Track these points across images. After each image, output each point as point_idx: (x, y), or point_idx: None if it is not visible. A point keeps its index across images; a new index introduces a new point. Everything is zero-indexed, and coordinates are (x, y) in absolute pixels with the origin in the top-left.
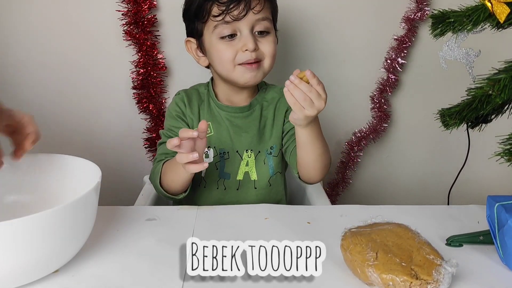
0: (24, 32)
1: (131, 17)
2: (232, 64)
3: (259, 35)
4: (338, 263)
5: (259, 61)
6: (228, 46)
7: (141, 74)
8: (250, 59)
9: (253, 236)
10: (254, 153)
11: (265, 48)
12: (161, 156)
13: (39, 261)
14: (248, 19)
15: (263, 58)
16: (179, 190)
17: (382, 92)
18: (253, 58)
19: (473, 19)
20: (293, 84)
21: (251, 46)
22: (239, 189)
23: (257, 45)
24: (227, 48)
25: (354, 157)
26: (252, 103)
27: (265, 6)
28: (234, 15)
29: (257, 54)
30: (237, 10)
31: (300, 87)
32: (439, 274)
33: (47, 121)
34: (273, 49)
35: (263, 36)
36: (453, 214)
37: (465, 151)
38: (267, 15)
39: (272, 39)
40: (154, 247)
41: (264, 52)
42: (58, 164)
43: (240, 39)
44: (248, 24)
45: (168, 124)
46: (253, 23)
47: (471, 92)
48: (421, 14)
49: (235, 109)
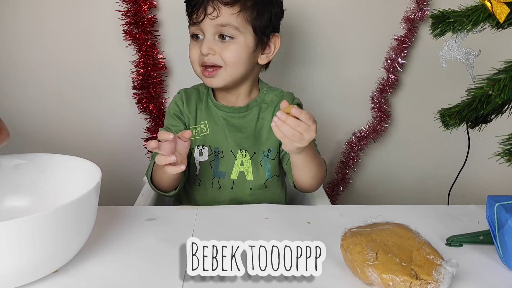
0: (24, 32)
1: (131, 17)
2: (197, 64)
3: (220, 40)
4: (338, 263)
5: (218, 66)
6: (194, 46)
7: (141, 74)
8: (206, 62)
9: (253, 236)
10: (249, 153)
11: (223, 54)
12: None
13: (39, 261)
14: (208, 23)
15: (222, 64)
16: (168, 187)
17: (382, 92)
18: (209, 61)
19: (473, 19)
20: (280, 121)
21: (204, 49)
22: (233, 188)
23: (214, 49)
24: (193, 47)
25: (354, 157)
26: (250, 104)
27: (225, 13)
28: (193, 18)
29: (214, 59)
30: (196, 15)
31: (287, 123)
32: (439, 274)
33: (47, 121)
34: (232, 57)
35: (224, 41)
36: (453, 214)
37: (465, 151)
38: (230, 22)
39: (234, 47)
40: (154, 247)
41: (222, 58)
42: (58, 164)
43: (203, 42)
44: (210, 28)
45: (166, 122)
46: (215, 28)
47: (471, 92)
48: (421, 14)
49: (232, 109)
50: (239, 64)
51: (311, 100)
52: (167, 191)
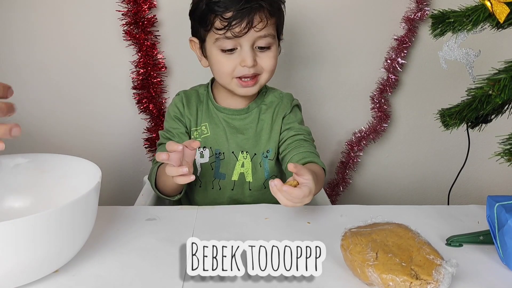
0: (24, 32)
1: (131, 17)
2: (230, 76)
3: (260, 50)
4: (338, 263)
5: (257, 75)
6: (228, 59)
7: (141, 74)
8: (248, 74)
9: (253, 236)
10: (250, 155)
11: (264, 63)
12: None
13: (39, 261)
14: (250, 35)
15: (261, 72)
16: (173, 192)
17: (382, 92)
18: (250, 73)
19: (473, 19)
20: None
21: (250, 62)
22: (234, 189)
23: (256, 60)
24: (226, 61)
25: (354, 157)
26: (250, 106)
27: (269, 24)
28: (236, 32)
29: (255, 69)
30: (239, 27)
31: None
32: (439, 274)
33: (47, 121)
34: (272, 64)
35: (263, 51)
36: (453, 214)
37: (465, 151)
38: (270, 31)
39: (272, 54)
40: (154, 247)
41: (262, 66)
42: (58, 164)
43: (240, 54)
44: (249, 40)
45: (167, 125)
46: (255, 39)
47: (471, 92)
48: (421, 14)
49: (233, 111)
50: (273, 72)
51: (311, 100)
52: (172, 196)
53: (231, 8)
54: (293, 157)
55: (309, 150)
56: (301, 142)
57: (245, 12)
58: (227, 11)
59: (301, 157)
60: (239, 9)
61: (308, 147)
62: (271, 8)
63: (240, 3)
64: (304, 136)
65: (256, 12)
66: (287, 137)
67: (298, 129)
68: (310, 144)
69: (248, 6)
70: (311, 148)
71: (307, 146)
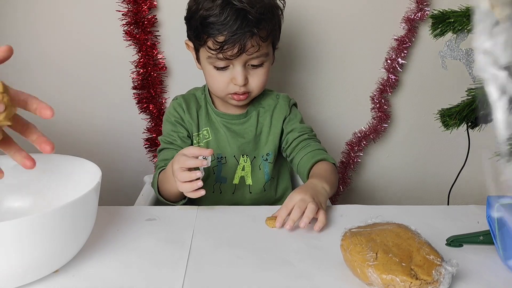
0: (24, 32)
1: (131, 17)
2: (223, 92)
3: (252, 67)
4: (338, 263)
5: (248, 92)
6: (221, 75)
7: (141, 74)
8: (239, 91)
9: (253, 236)
10: (250, 158)
11: (254, 82)
12: (161, 163)
13: (39, 261)
14: (242, 57)
15: (251, 91)
16: (177, 199)
17: (382, 92)
18: (241, 91)
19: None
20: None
21: (241, 81)
22: (234, 193)
23: (247, 78)
24: (219, 76)
25: (354, 157)
26: (249, 110)
27: (262, 47)
28: (227, 55)
29: (246, 88)
30: (231, 51)
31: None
32: (439, 274)
33: (47, 121)
34: (262, 82)
35: (255, 68)
36: (453, 214)
37: (465, 151)
38: (263, 52)
39: (264, 71)
40: (154, 247)
41: (252, 86)
42: (58, 164)
43: (232, 71)
44: (242, 61)
45: (168, 129)
46: (247, 60)
47: (471, 92)
48: (421, 14)
49: (232, 116)
50: (264, 86)
51: (311, 100)
52: (177, 202)
53: (224, 33)
54: (303, 159)
55: (317, 148)
56: (307, 141)
57: (237, 38)
58: (220, 35)
59: (311, 157)
60: (232, 34)
61: (314, 145)
62: (265, 35)
63: (233, 28)
64: (308, 134)
65: (249, 38)
66: (292, 139)
67: (301, 128)
68: (315, 141)
69: (241, 31)
70: (317, 145)
71: (313, 144)
